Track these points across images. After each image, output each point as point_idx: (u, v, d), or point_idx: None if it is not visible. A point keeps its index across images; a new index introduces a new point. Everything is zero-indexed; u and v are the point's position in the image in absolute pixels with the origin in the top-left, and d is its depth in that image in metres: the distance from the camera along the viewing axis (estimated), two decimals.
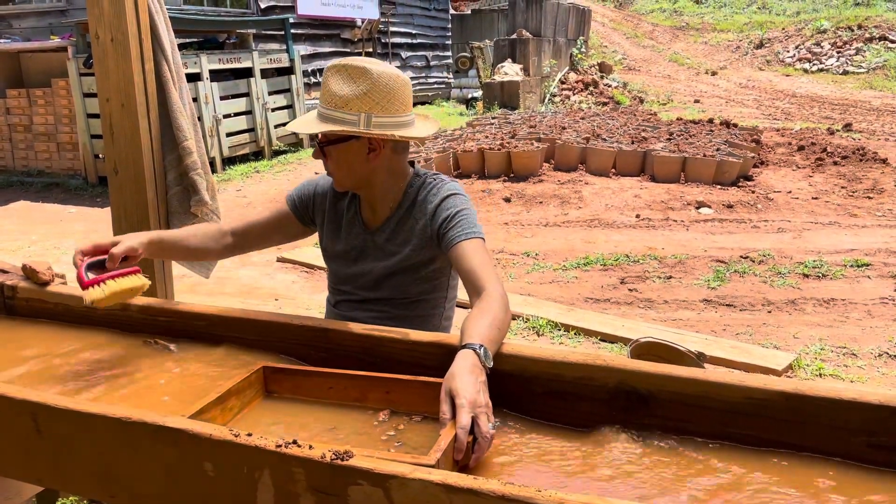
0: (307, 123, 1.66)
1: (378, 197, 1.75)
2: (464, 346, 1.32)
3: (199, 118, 8.21)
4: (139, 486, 1.23)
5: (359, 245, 1.80)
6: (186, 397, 1.44)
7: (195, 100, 8.22)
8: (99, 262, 1.60)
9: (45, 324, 1.85)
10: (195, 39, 9.56)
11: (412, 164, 1.80)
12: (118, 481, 1.25)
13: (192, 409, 1.28)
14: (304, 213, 1.87)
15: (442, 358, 1.46)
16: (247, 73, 9.45)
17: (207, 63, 8.66)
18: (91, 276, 1.55)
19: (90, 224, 6.61)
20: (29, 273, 1.88)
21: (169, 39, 2.40)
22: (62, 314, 1.85)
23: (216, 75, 8.90)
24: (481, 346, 1.32)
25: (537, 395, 1.40)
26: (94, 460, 1.25)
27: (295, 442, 1.08)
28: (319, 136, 1.64)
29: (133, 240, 1.68)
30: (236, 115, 9.24)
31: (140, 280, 1.62)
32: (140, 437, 1.18)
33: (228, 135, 9.03)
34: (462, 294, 1.70)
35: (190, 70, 8.19)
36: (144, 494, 1.23)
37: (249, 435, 1.10)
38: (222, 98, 8.95)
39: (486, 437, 1.18)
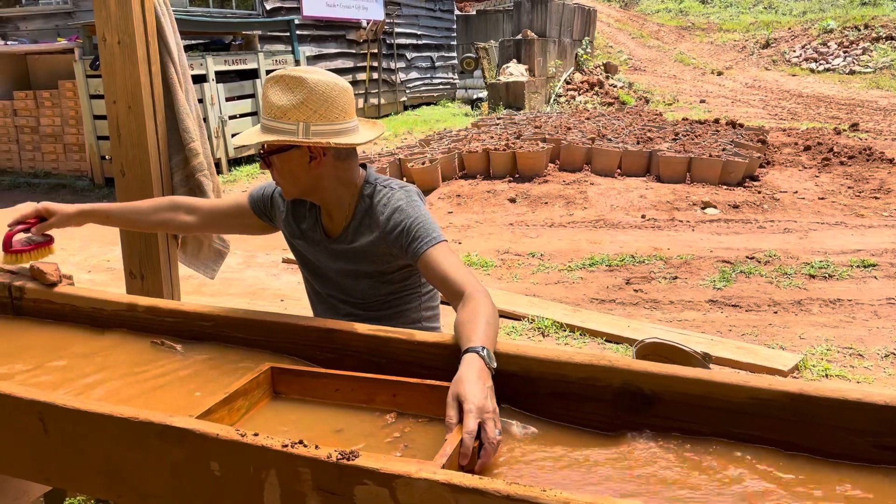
0: (250, 135, 1.67)
1: (332, 204, 1.75)
2: (467, 351, 1.32)
3: (205, 119, 8.25)
4: (146, 485, 1.24)
5: (321, 250, 1.80)
6: (194, 397, 1.45)
7: (201, 101, 8.24)
8: (28, 228, 1.93)
9: (52, 325, 1.86)
10: (201, 41, 9.59)
11: (364, 166, 1.79)
12: (125, 480, 1.26)
13: (199, 409, 1.29)
14: (262, 212, 1.89)
15: (446, 358, 1.46)
16: (252, 74, 9.48)
17: (213, 64, 8.69)
18: (15, 241, 1.91)
19: (96, 226, 6.63)
20: (36, 274, 1.89)
21: (175, 41, 2.41)
22: (70, 315, 1.86)
23: (222, 76, 8.93)
24: (483, 348, 1.32)
25: (542, 395, 1.40)
26: (102, 460, 1.26)
27: (301, 442, 1.09)
28: (265, 146, 1.66)
29: (63, 210, 1.93)
30: (242, 116, 9.27)
31: (49, 252, 1.97)
32: (147, 436, 1.19)
33: (234, 136, 9.06)
34: None
35: (196, 71, 8.22)
36: (151, 493, 1.24)
37: (256, 435, 1.11)
38: (228, 99, 8.98)
39: (492, 443, 1.18)
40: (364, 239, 1.73)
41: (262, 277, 5.20)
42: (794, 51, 20.62)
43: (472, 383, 1.24)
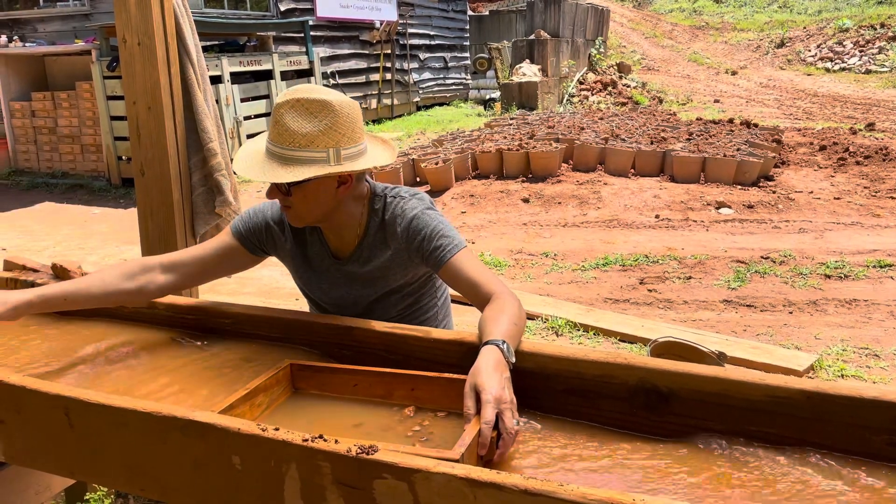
0: (270, 170, 1.50)
1: (343, 225, 1.66)
2: (486, 343, 1.33)
3: (220, 120, 8.30)
4: (168, 478, 1.26)
5: (332, 276, 1.71)
6: (215, 393, 1.47)
7: (217, 102, 8.30)
8: None
9: (73, 321, 1.89)
10: (216, 42, 9.66)
11: (367, 179, 1.70)
12: (148, 474, 1.28)
13: (221, 405, 1.31)
14: (254, 246, 1.74)
15: (463, 355, 1.48)
16: (267, 75, 9.53)
17: (228, 65, 8.75)
18: None
19: (113, 225, 6.70)
20: (59, 272, 1.92)
21: (194, 43, 2.45)
22: (91, 312, 1.89)
23: (237, 77, 8.99)
24: (503, 341, 1.33)
25: (558, 392, 1.41)
26: (125, 453, 1.29)
27: (321, 436, 1.10)
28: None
29: (12, 303, 1.53)
30: (256, 116, 9.33)
31: None
32: (169, 431, 1.21)
33: (249, 136, 9.11)
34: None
35: (211, 72, 8.28)
36: (173, 487, 1.26)
37: (276, 429, 1.13)
38: (243, 100, 9.04)
39: (510, 433, 1.19)
40: (381, 256, 1.66)
41: (276, 277, 5.23)
42: (810, 50, 20.47)
43: (489, 374, 1.25)
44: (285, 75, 9.84)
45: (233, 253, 1.73)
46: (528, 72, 13.80)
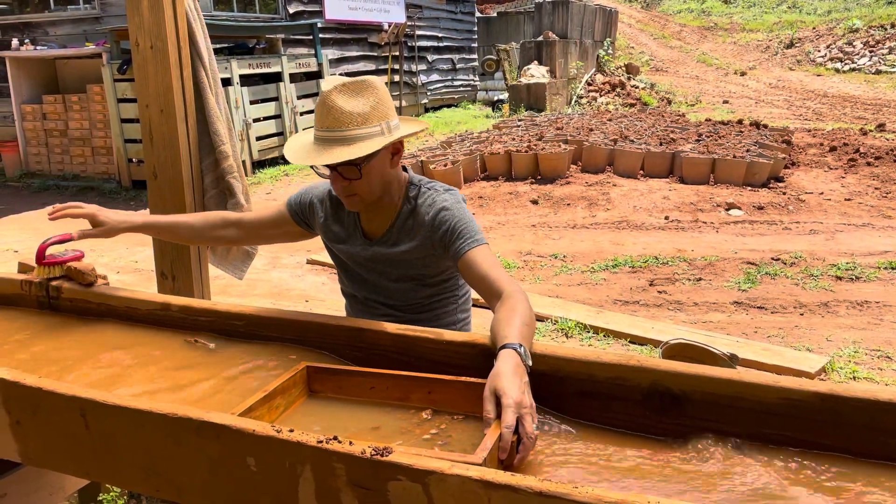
0: (335, 153, 1.58)
1: (381, 206, 1.76)
2: (503, 347, 1.34)
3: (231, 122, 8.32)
4: (183, 479, 1.27)
5: (362, 255, 1.82)
6: (229, 395, 1.48)
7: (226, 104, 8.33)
8: (62, 241, 1.92)
9: (88, 322, 1.90)
10: (225, 45, 9.70)
11: (405, 169, 1.81)
12: (163, 474, 1.29)
13: (238, 407, 1.31)
14: (302, 219, 1.92)
15: (475, 358, 1.48)
16: (276, 77, 9.56)
17: (238, 68, 8.78)
18: (48, 255, 1.96)
19: None
20: (74, 274, 1.94)
21: (206, 46, 2.46)
22: (105, 314, 1.90)
23: (246, 80, 9.02)
24: (521, 345, 1.34)
25: (570, 394, 1.41)
26: (141, 455, 1.29)
27: (336, 438, 1.11)
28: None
29: (112, 224, 1.90)
30: (266, 118, 9.36)
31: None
32: (185, 432, 1.22)
33: (258, 138, 9.15)
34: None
35: (220, 75, 8.31)
36: (188, 487, 1.27)
37: (291, 431, 1.14)
38: (252, 102, 9.07)
39: (530, 438, 1.20)
40: (407, 242, 1.75)
41: (286, 279, 5.25)
42: (819, 50, 20.37)
43: (509, 378, 1.25)
44: (294, 77, 9.86)
45: (283, 221, 1.94)
46: (537, 73, 13.79)
